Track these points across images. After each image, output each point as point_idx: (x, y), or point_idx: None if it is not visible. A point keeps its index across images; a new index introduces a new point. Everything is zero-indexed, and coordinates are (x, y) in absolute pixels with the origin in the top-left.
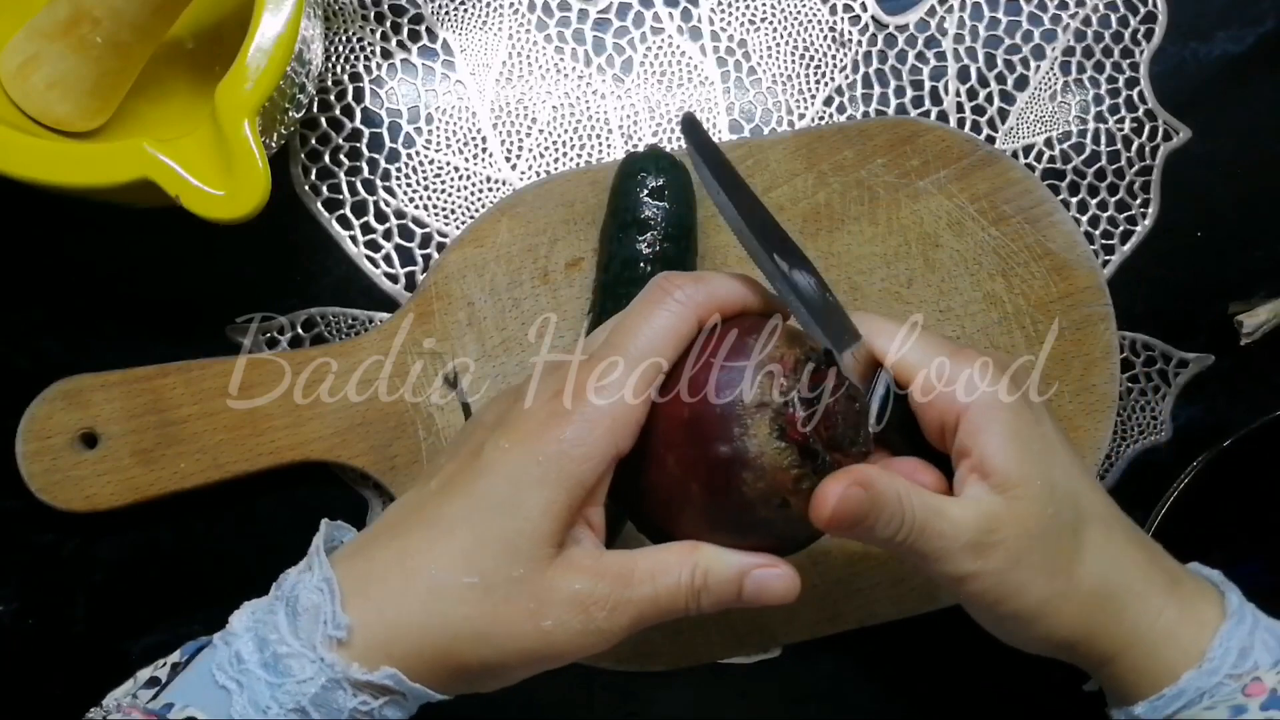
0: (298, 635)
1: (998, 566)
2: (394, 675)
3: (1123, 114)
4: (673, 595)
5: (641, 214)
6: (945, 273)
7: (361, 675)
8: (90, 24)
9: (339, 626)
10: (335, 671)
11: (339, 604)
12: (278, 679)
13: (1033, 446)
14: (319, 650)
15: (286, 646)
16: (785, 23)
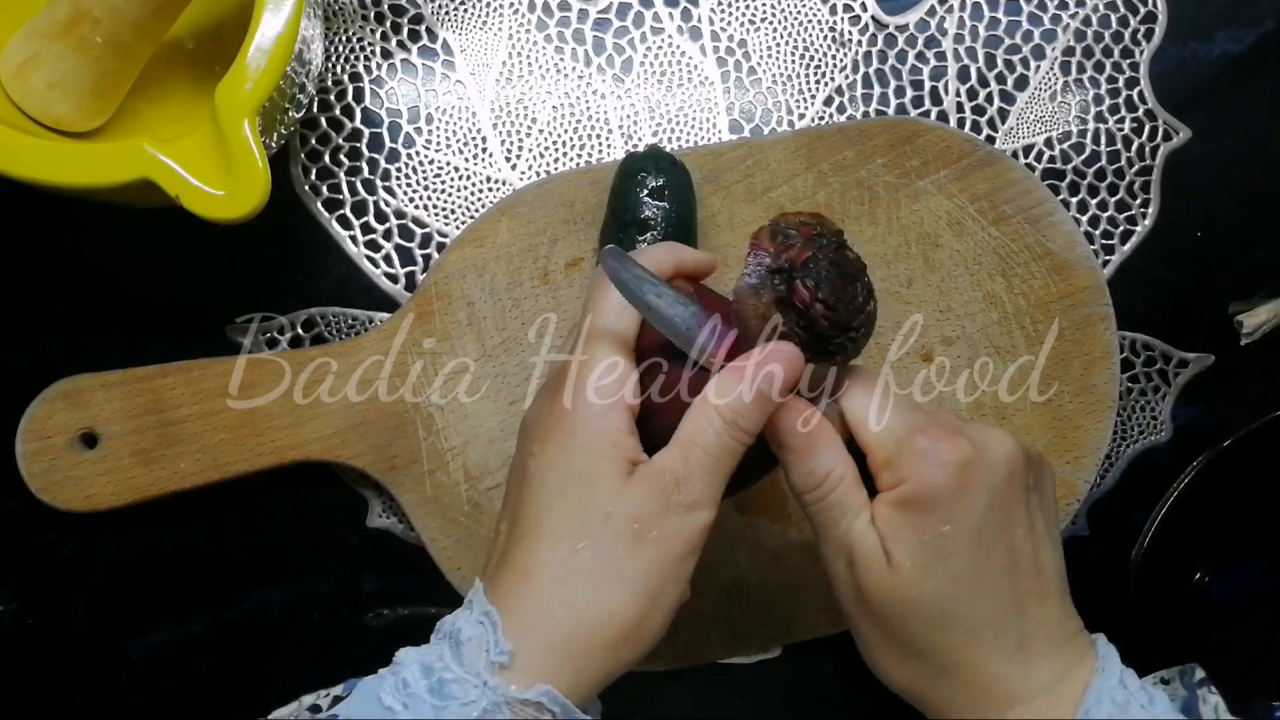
0: (462, 663)
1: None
2: (548, 691)
3: (1123, 114)
4: (719, 441)
5: (641, 214)
6: (945, 273)
7: (519, 695)
8: (90, 24)
9: (502, 652)
10: (496, 694)
11: (501, 632)
12: (442, 702)
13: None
14: (483, 675)
15: (451, 673)
16: (785, 23)
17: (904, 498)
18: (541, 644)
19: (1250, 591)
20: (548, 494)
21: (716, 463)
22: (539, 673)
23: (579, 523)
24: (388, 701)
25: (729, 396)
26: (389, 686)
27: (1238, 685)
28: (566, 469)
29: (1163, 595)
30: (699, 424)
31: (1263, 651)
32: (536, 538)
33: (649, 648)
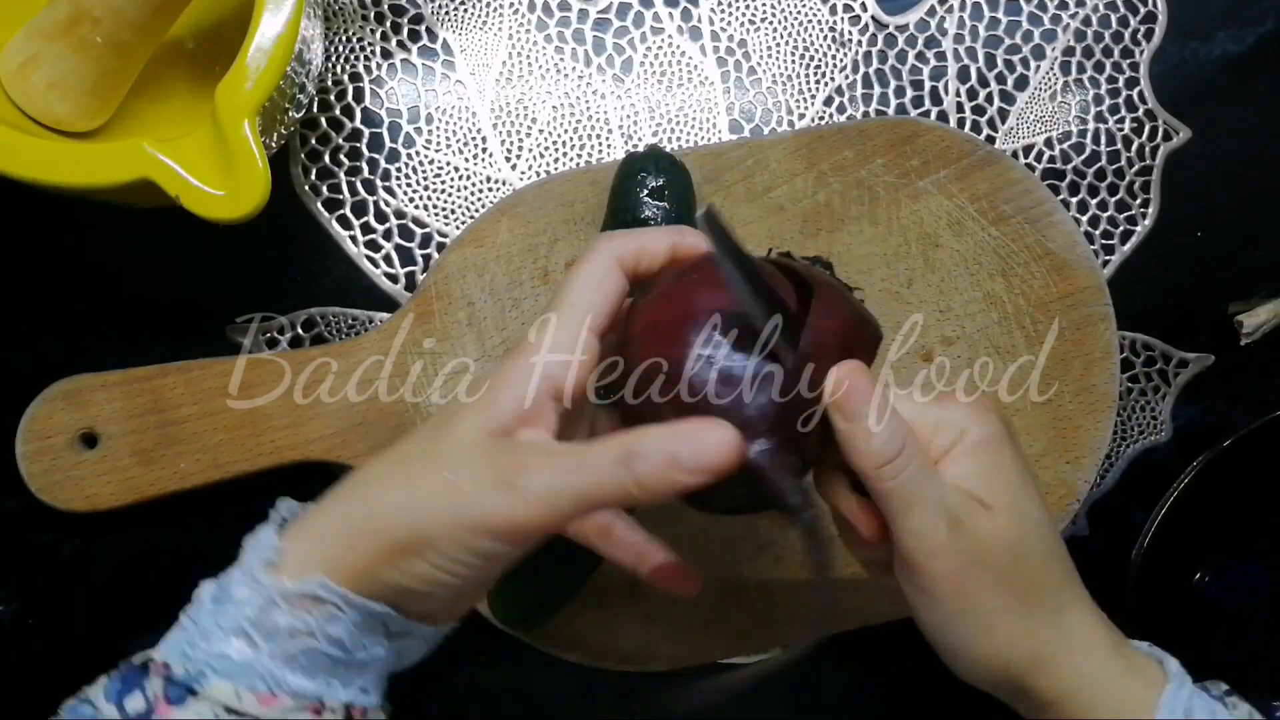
0: (241, 569)
1: (966, 550)
2: (320, 581)
3: (1123, 114)
4: (598, 466)
5: (641, 214)
6: (945, 273)
7: (292, 587)
8: (90, 24)
9: (270, 549)
10: (267, 589)
11: (274, 531)
12: (219, 606)
13: (1013, 479)
14: (255, 574)
15: (229, 578)
16: (785, 23)
17: (971, 446)
18: (313, 540)
19: (1250, 591)
20: (417, 430)
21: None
22: (308, 567)
23: (414, 447)
24: (183, 621)
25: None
26: (190, 607)
27: (1238, 685)
28: (445, 413)
29: (1163, 595)
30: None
31: (1263, 651)
32: (378, 457)
33: (416, 588)
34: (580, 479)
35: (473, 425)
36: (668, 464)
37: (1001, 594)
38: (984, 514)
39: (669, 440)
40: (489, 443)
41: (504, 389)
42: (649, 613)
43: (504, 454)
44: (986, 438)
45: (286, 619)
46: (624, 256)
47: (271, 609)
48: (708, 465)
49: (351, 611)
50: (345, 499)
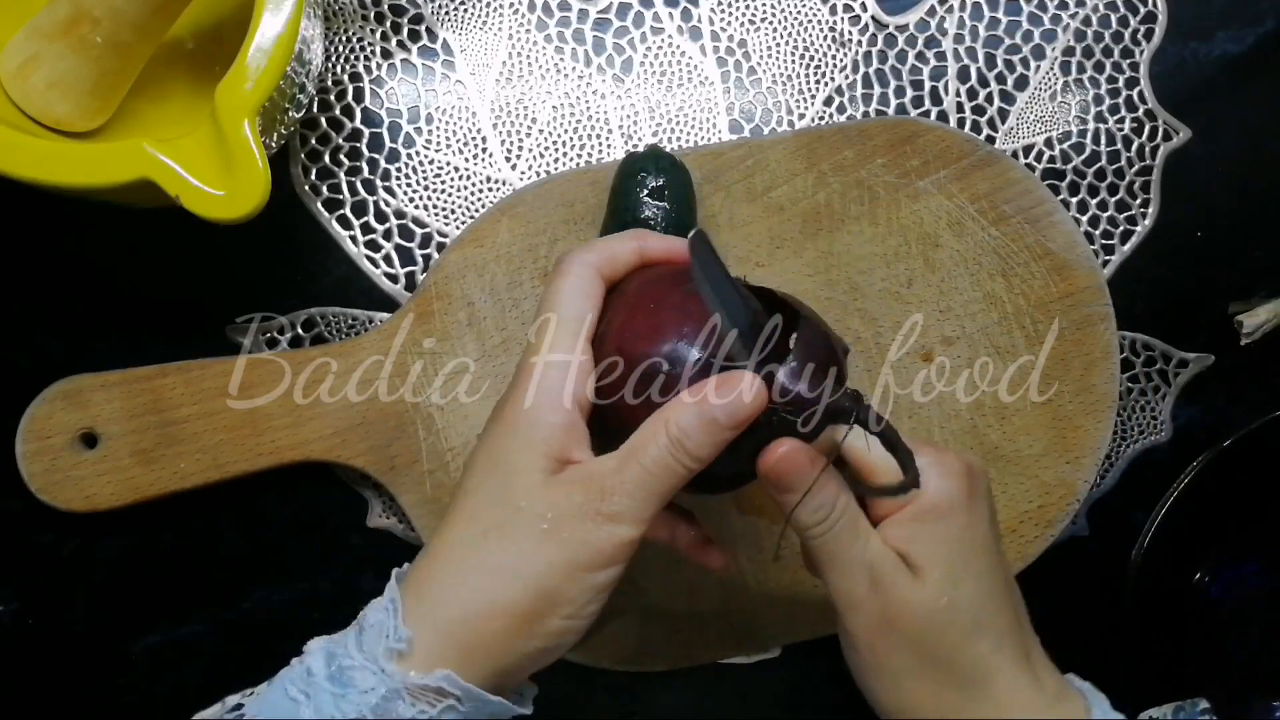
0: (362, 650)
1: (880, 610)
2: (448, 676)
3: (1123, 114)
4: (660, 459)
5: (641, 214)
6: (945, 273)
7: (418, 681)
8: (90, 24)
9: (399, 639)
10: (394, 681)
11: (399, 617)
12: (342, 690)
13: (956, 549)
14: (380, 662)
15: (351, 660)
16: (785, 23)
17: (924, 508)
18: (438, 629)
19: (1250, 591)
20: (474, 480)
21: (653, 480)
22: (437, 657)
23: (491, 509)
24: (292, 693)
25: (682, 413)
26: (295, 676)
27: (1238, 685)
28: (493, 457)
29: (1163, 595)
30: (645, 437)
31: (1263, 651)
32: (453, 521)
33: (551, 646)
34: (652, 480)
35: (535, 469)
36: (710, 429)
37: (912, 658)
38: (907, 580)
39: (701, 409)
40: (560, 482)
41: (543, 419)
42: (649, 613)
43: (579, 488)
44: (937, 504)
45: (407, 710)
46: (600, 266)
47: (395, 699)
48: (744, 415)
49: (469, 704)
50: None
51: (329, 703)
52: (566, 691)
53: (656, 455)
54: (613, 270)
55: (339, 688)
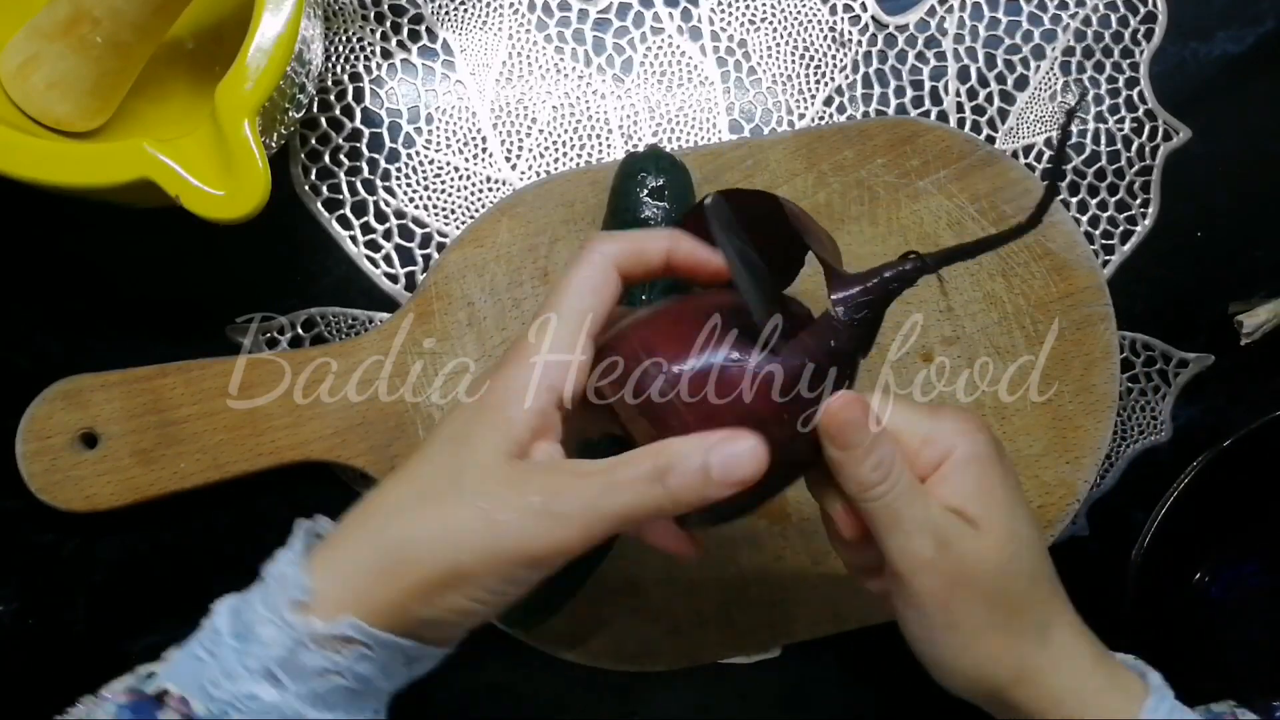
0: (265, 603)
1: (952, 568)
2: (352, 623)
3: (1123, 114)
4: (632, 482)
5: (641, 214)
6: (945, 273)
7: (323, 629)
8: (90, 24)
9: (300, 589)
10: (298, 632)
11: (301, 569)
12: (244, 645)
13: (1003, 497)
14: (283, 613)
15: (254, 614)
16: (785, 23)
17: (961, 462)
18: (344, 579)
19: (1250, 591)
20: (429, 446)
21: (615, 498)
22: (339, 606)
23: (434, 476)
24: (198, 653)
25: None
26: (204, 636)
27: (1238, 685)
28: (453, 428)
29: (1163, 595)
30: (633, 457)
31: (1263, 652)
32: (393, 480)
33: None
34: (615, 499)
35: (492, 447)
36: (700, 479)
37: (986, 611)
38: (971, 533)
39: (699, 454)
40: (513, 466)
41: (513, 402)
42: (649, 613)
43: (533, 479)
44: (977, 454)
45: (315, 660)
46: (620, 259)
47: (300, 650)
48: (739, 477)
49: (381, 650)
50: (370, 532)
51: (233, 659)
52: (566, 691)
53: (631, 477)
54: (635, 267)
55: (242, 644)
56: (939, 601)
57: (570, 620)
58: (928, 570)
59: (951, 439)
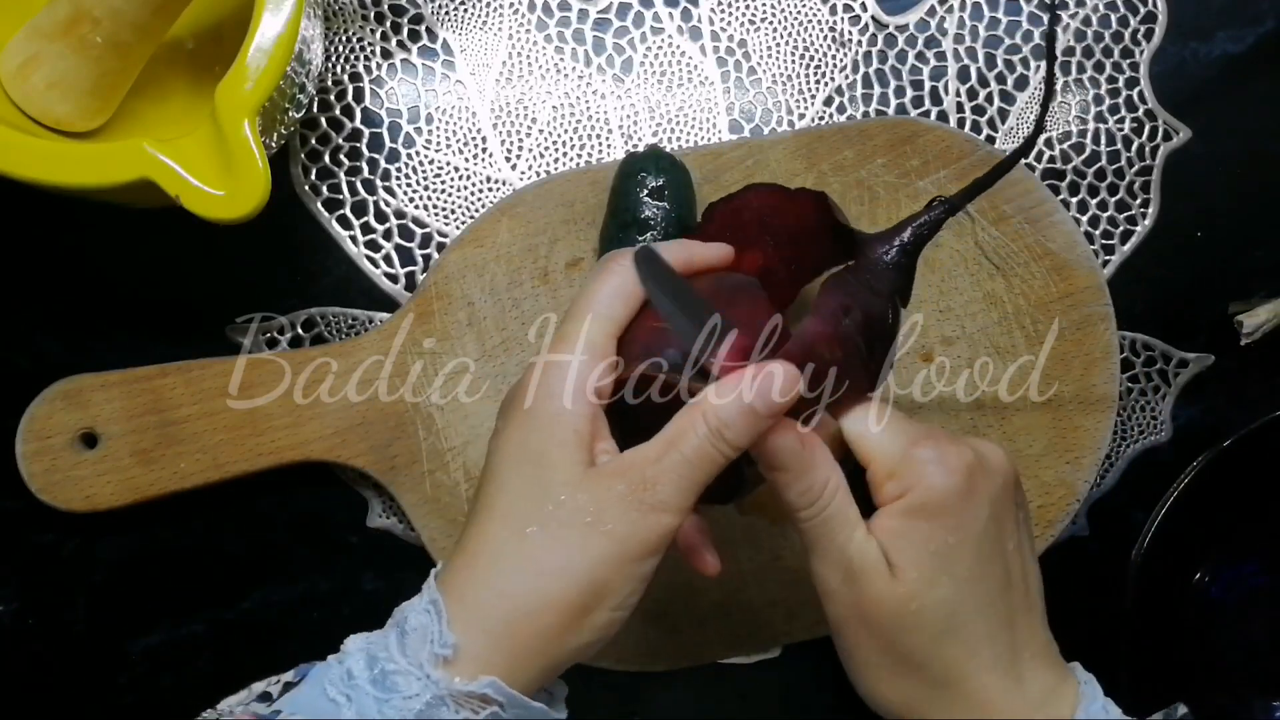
0: (405, 654)
1: (852, 603)
2: (493, 683)
3: (1123, 114)
4: (700, 447)
5: (641, 214)
6: (945, 273)
7: (463, 688)
8: (90, 24)
9: (445, 645)
10: (440, 688)
11: (444, 623)
12: (385, 695)
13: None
14: (425, 668)
15: (395, 664)
16: (785, 23)
17: (912, 506)
18: (485, 631)
19: (1250, 591)
20: (504, 474)
21: (693, 469)
22: (482, 662)
23: (529, 504)
24: (332, 694)
25: (721, 402)
26: (335, 677)
27: (1238, 685)
28: (524, 450)
29: (1163, 595)
30: (683, 426)
31: (1263, 651)
32: (487, 518)
33: (597, 640)
34: (692, 469)
35: (569, 462)
36: (749, 418)
37: (878, 653)
38: (884, 577)
39: (739, 399)
40: (597, 476)
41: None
42: (649, 613)
43: (620, 479)
44: (925, 503)
45: (452, 715)
46: None
47: (439, 705)
48: (781, 403)
49: (512, 709)
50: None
51: (372, 706)
52: (566, 691)
53: (696, 444)
54: None
55: (383, 692)
56: (837, 627)
57: None
58: (832, 598)
59: (918, 476)
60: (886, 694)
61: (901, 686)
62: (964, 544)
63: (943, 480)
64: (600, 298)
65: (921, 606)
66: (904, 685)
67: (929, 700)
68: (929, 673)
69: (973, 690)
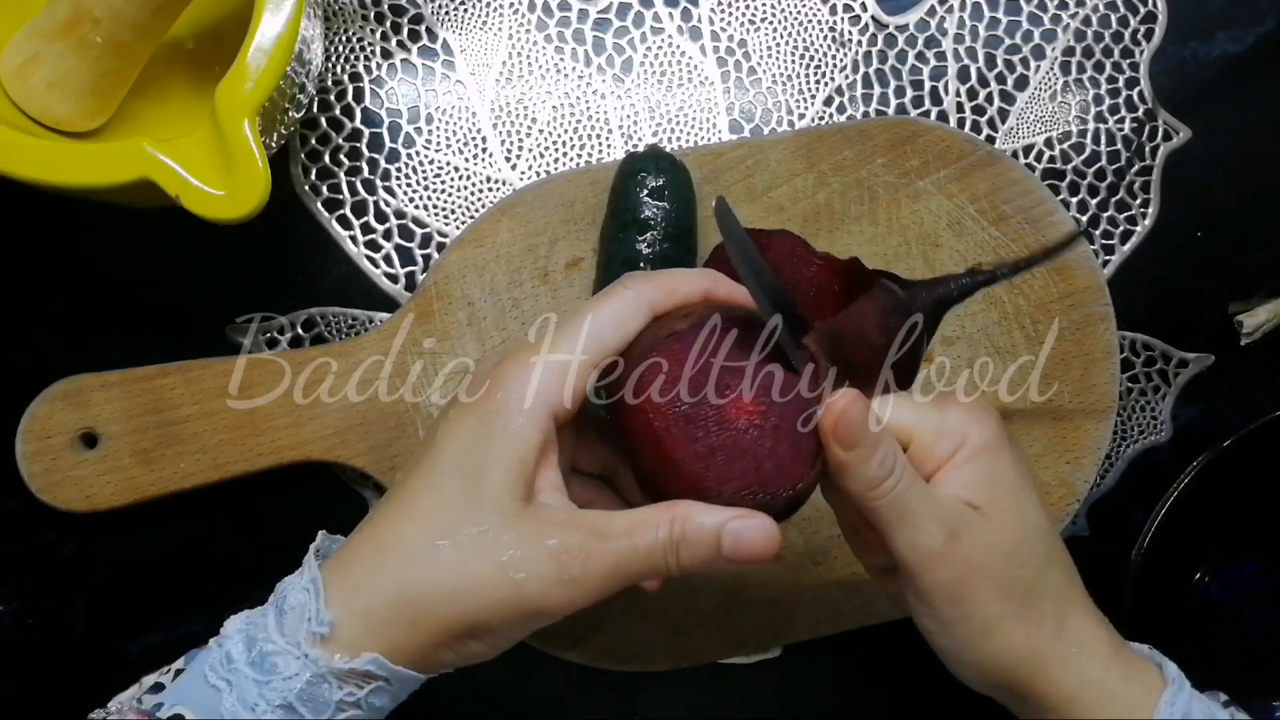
0: (284, 633)
1: (963, 559)
2: (375, 659)
3: (1123, 114)
4: (650, 549)
5: (641, 214)
6: (945, 273)
7: (344, 665)
8: (90, 24)
9: (322, 623)
10: (319, 666)
11: (322, 601)
12: (265, 676)
13: (1012, 484)
14: (304, 647)
15: (273, 644)
16: (785, 23)
17: (973, 452)
18: (364, 617)
19: (1250, 591)
20: (438, 474)
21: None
22: (361, 643)
23: (451, 517)
24: (212, 680)
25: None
26: (215, 661)
27: (1238, 685)
28: (465, 457)
29: (1163, 595)
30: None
31: (1263, 651)
32: (406, 515)
33: (465, 661)
34: (633, 567)
35: (504, 488)
36: (711, 553)
37: (999, 601)
38: (981, 522)
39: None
40: (530, 515)
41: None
42: (649, 613)
43: (552, 532)
44: (987, 443)
45: (334, 693)
46: (656, 301)
47: (320, 684)
48: (748, 555)
49: (398, 683)
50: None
51: (252, 690)
52: (566, 691)
53: (649, 545)
54: (667, 304)
55: (261, 674)
56: (950, 594)
57: (570, 620)
58: (937, 563)
59: (963, 429)
60: (1017, 644)
61: (1025, 632)
62: (1025, 475)
63: (985, 426)
64: (593, 320)
65: (1025, 537)
66: (1026, 630)
67: (1052, 638)
68: (1045, 606)
69: (1077, 620)
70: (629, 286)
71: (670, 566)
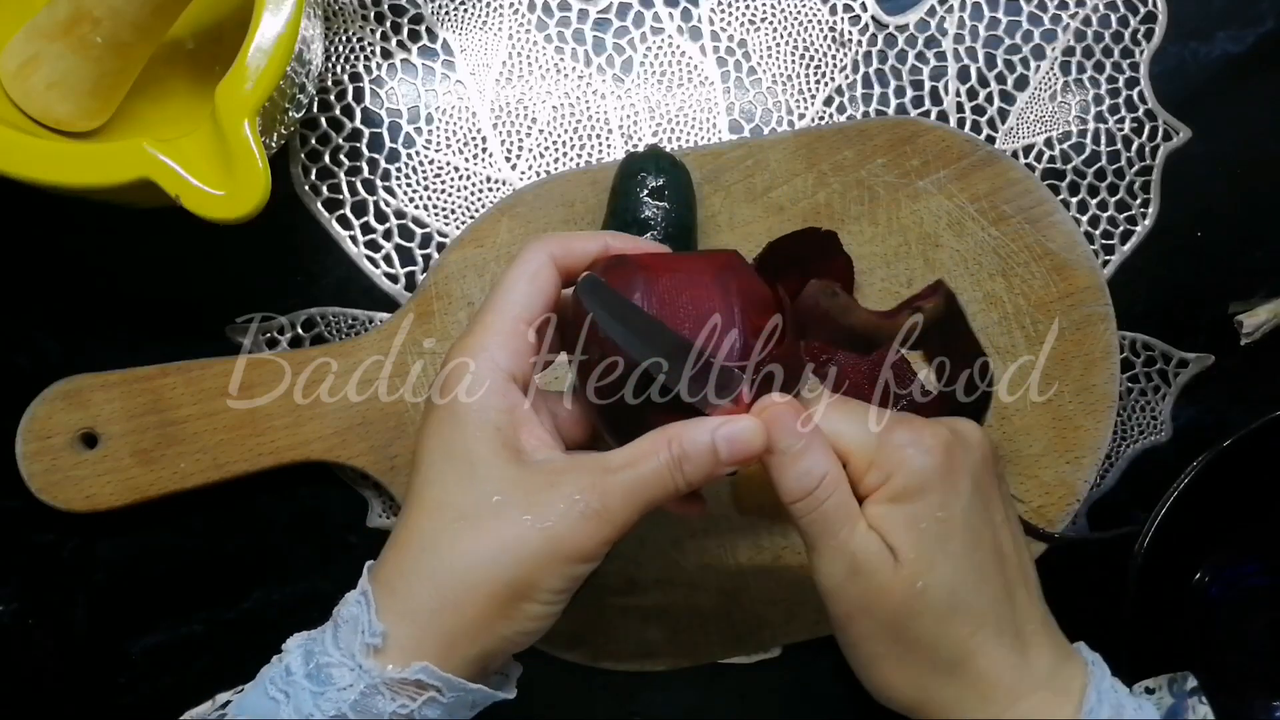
0: (339, 646)
1: (856, 597)
2: (425, 668)
3: (1123, 114)
4: (657, 473)
5: (641, 214)
6: (945, 273)
7: (396, 675)
8: (90, 24)
9: (374, 633)
10: (373, 676)
11: (374, 611)
12: (320, 688)
13: (933, 532)
14: (358, 658)
15: (329, 657)
16: (785, 23)
17: (897, 490)
18: (414, 620)
19: (1250, 591)
20: (434, 468)
21: (646, 490)
22: (412, 650)
23: (459, 497)
24: (272, 693)
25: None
26: (275, 675)
27: (1238, 685)
28: (449, 447)
29: (1163, 595)
30: (647, 450)
31: (1263, 651)
32: (418, 511)
33: (532, 629)
34: (645, 490)
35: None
36: (710, 460)
37: (887, 644)
38: (884, 566)
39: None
40: (538, 473)
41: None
42: (649, 613)
43: (567, 479)
44: (908, 485)
45: (388, 704)
46: (556, 251)
47: (374, 694)
48: (744, 454)
49: (449, 692)
50: (424, 570)
51: (308, 701)
52: (566, 691)
53: (655, 468)
54: (571, 260)
55: (317, 685)
56: (839, 624)
57: (570, 620)
58: (836, 594)
59: (898, 460)
60: (897, 684)
61: (912, 674)
62: (954, 519)
63: (921, 460)
64: (508, 286)
65: (926, 587)
66: (914, 672)
67: (940, 684)
68: (938, 655)
69: (981, 668)
70: (528, 245)
71: (679, 484)
